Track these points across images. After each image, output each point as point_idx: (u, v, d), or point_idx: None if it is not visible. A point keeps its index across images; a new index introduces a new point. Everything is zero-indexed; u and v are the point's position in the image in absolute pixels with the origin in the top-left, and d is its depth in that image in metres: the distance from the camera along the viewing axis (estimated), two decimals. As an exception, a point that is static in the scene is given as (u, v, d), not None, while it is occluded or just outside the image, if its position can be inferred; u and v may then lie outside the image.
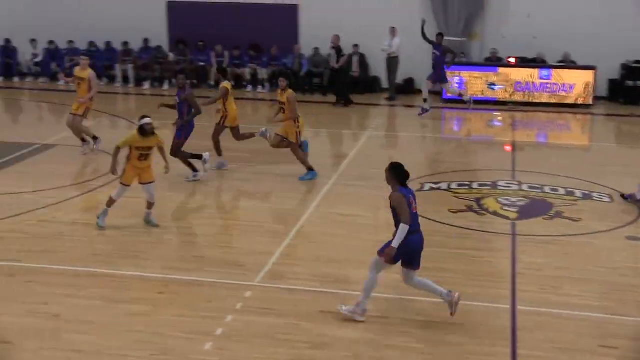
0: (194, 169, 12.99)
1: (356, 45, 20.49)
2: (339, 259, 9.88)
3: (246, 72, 20.90)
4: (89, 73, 14.34)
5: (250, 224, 11.19)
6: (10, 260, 9.65)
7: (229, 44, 20.99)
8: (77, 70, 14.47)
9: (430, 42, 17.48)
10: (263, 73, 20.84)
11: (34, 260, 9.65)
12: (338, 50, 19.25)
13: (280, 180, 13.25)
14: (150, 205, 10.91)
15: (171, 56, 21.29)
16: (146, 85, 21.09)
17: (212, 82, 20.95)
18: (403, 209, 7.78)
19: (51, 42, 21.46)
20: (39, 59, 21.75)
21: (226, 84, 13.37)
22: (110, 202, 10.85)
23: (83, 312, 8.38)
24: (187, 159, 12.94)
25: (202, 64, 21.20)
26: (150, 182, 10.83)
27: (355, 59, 20.60)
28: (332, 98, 19.79)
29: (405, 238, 7.76)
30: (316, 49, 20.65)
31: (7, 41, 21.65)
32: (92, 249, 10.11)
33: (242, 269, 9.55)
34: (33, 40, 21.61)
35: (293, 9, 20.98)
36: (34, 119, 18.08)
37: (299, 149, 13.13)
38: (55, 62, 21.51)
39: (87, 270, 9.41)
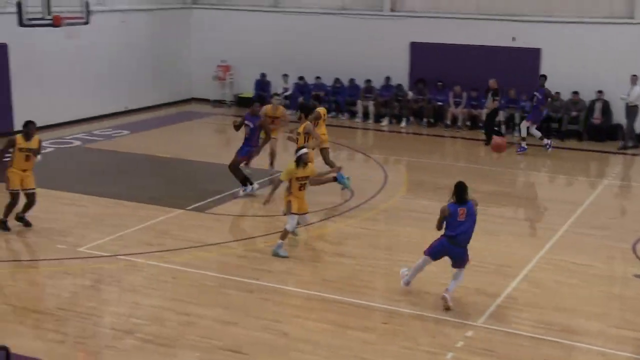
0: (250, 182, 13.76)
1: (600, 92, 19.59)
2: (567, 308, 9.41)
3: (483, 113, 20.68)
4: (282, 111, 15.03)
5: (478, 263, 10.99)
6: (250, 278, 10.26)
7: (467, 85, 20.93)
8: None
9: None
10: (500, 115, 20.49)
11: (270, 280, 10.17)
12: (494, 93, 19.02)
13: (506, 222, 12.95)
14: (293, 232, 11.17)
15: (410, 94, 21.63)
16: (384, 122, 21.56)
17: (448, 122, 20.97)
18: (438, 218, 9.46)
19: (301, 78, 22.66)
20: (288, 93, 23.04)
21: (320, 109, 14.41)
22: (285, 234, 11.05)
23: (311, 334, 8.68)
24: (243, 175, 13.70)
25: (439, 103, 21.31)
26: (307, 213, 11.26)
27: (598, 106, 19.70)
28: (570, 143, 19.10)
29: (443, 238, 9.45)
30: (557, 93, 19.98)
31: (263, 75, 23.20)
32: (324, 274, 10.46)
33: (466, 308, 9.41)
34: (285, 75, 22.97)
35: (535, 53, 20.50)
36: (280, 150, 19.14)
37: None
38: (303, 96, 22.65)
39: (318, 294, 9.75)
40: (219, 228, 12.37)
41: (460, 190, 9.43)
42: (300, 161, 11.10)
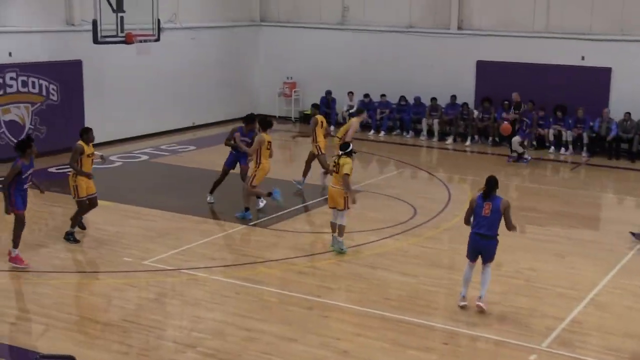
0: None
1: (672, 112, 19.05)
2: (638, 334, 9.09)
3: (550, 132, 20.31)
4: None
5: (542, 284, 10.76)
6: (310, 294, 10.25)
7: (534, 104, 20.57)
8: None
9: None
10: (567, 135, 20.11)
11: (331, 297, 10.15)
12: (517, 106, 19.46)
13: (573, 243, 12.65)
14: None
15: (476, 113, 21.40)
16: (449, 140, 21.37)
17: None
18: (467, 209, 9.82)
19: (366, 95, 22.65)
20: (353, 110, 23.03)
21: (318, 117, 15.45)
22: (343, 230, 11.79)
23: (371, 352, 8.61)
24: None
25: (505, 122, 20.98)
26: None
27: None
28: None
29: (470, 236, 9.72)
30: (627, 113, 19.48)
31: (328, 92, 23.28)
32: (385, 292, 10.39)
33: (529, 331, 9.21)
34: (350, 93, 23.02)
35: (605, 72, 20.05)
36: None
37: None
38: (367, 114, 22.62)
39: (379, 312, 9.68)
40: (281, 244, 12.42)
41: (489, 185, 9.62)
42: (353, 154, 11.89)
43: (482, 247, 9.71)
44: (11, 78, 17.25)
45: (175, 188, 15.75)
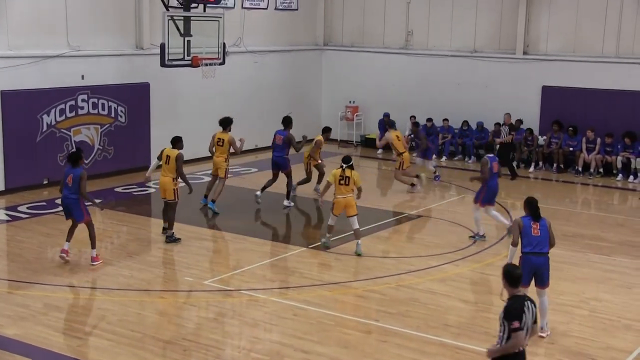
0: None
1: None
2: None
3: (618, 160, 19.90)
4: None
5: (608, 316, 10.51)
6: (368, 318, 10.25)
7: (601, 130, 20.22)
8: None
9: None
10: (637, 162, 19.66)
11: (390, 322, 10.13)
12: (511, 127, 20.41)
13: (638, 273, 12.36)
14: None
15: (540, 139, 21.12)
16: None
17: (579, 168, 20.29)
18: (513, 231, 9.75)
19: (428, 120, 22.58)
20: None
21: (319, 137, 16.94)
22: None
23: (428, 379, 8.55)
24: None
25: (571, 149, 20.68)
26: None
27: None
28: None
29: (522, 258, 9.49)
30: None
31: (386, 115, 23.23)
32: (444, 319, 10.31)
33: (593, 363, 9.00)
34: (412, 117, 22.96)
35: (676, 98, 19.59)
36: (403, 190, 19.12)
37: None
38: (430, 139, 22.53)
39: (437, 339, 9.61)
40: (340, 267, 12.46)
41: (532, 207, 9.65)
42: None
43: (537, 265, 9.57)
44: (83, 100, 17.78)
45: (236, 209, 15.96)
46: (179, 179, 13.48)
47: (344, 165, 12.88)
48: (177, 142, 13.64)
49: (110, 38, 18.47)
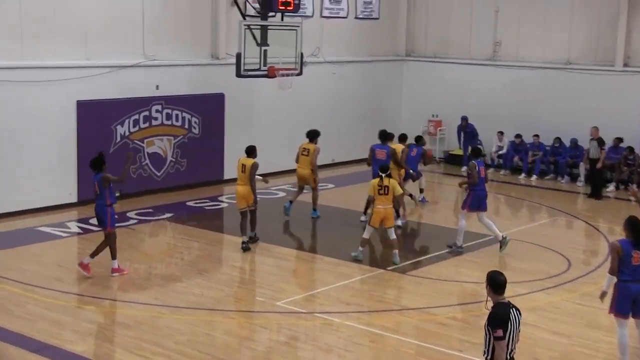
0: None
1: None
2: None
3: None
4: None
5: None
6: (450, 348, 9.98)
7: None
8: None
9: None
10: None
11: (473, 353, 9.81)
12: (599, 141, 19.42)
13: None
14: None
15: (641, 158, 20.37)
16: (611, 187, 20.38)
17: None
18: (611, 258, 9.10)
19: (517, 136, 22.10)
20: (503, 152, 22.54)
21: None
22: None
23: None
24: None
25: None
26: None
27: None
28: None
29: (619, 286, 9.01)
30: None
31: (464, 119, 22.70)
32: (534, 352, 9.95)
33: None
34: (500, 133, 22.52)
35: None
36: (490, 210, 18.69)
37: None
38: (519, 156, 22.07)
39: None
40: (420, 291, 12.21)
41: (635, 229, 8.98)
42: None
43: (637, 293, 9.09)
44: (156, 111, 18.10)
45: (311, 227, 15.89)
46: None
47: (382, 175, 13.25)
48: (252, 151, 14.08)
49: (186, 48, 18.77)
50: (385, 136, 16.33)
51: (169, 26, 18.35)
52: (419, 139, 17.85)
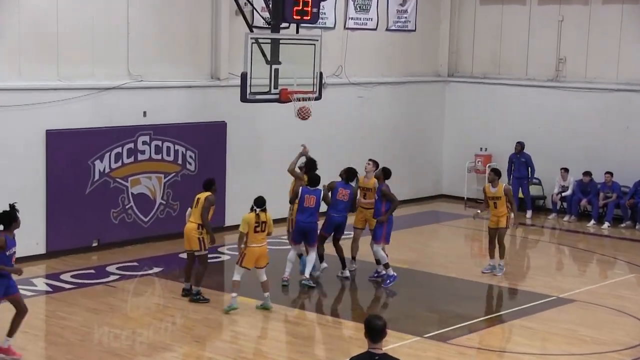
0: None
1: None
2: None
3: None
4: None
5: None
6: None
7: None
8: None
9: None
10: None
11: None
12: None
13: None
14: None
15: None
16: None
17: None
18: None
19: (586, 174, 22.10)
20: (567, 193, 22.53)
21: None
22: None
23: None
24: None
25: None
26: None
27: None
28: None
29: None
30: None
31: (519, 144, 22.66)
32: None
33: None
34: (564, 170, 22.51)
35: None
36: (552, 265, 18.73)
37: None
38: (587, 199, 22.08)
39: None
40: (464, 365, 12.27)
41: None
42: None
43: None
44: (144, 142, 18.27)
45: (331, 283, 15.96)
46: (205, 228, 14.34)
47: (258, 209, 13.87)
48: (210, 184, 14.75)
49: (180, 66, 18.97)
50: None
51: (160, 40, 18.56)
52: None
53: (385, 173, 16.20)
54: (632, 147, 21.93)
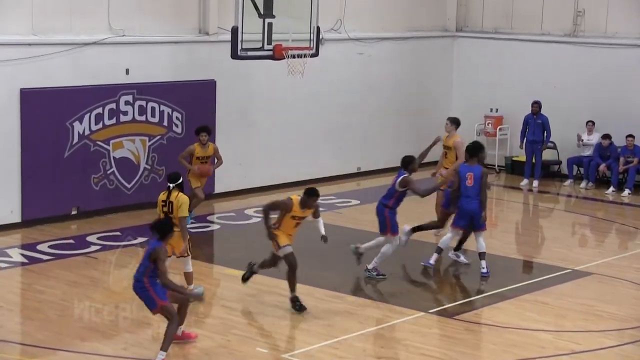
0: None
1: None
2: None
3: None
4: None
5: None
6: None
7: None
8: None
9: None
10: None
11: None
12: None
13: None
14: None
15: None
16: None
17: None
18: None
19: (605, 137, 22.01)
20: (591, 143, 22.27)
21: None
22: None
23: None
24: None
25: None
26: None
27: None
28: None
29: None
30: None
31: (536, 103, 22.66)
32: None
33: None
34: (590, 122, 22.37)
35: None
36: (567, 236, 18.78)
37: None
38: (606, 164, 22.04)
39: None
40: (472, 341, 12.33)
41: None
42: None
43: None
44: (126, 102, 18.27)
45: (329, 256, 16.01)
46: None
47: (171, 185, 12.75)
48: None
49: (165, 20, 18.93)
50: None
51: (143, -8, 18.52)
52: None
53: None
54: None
